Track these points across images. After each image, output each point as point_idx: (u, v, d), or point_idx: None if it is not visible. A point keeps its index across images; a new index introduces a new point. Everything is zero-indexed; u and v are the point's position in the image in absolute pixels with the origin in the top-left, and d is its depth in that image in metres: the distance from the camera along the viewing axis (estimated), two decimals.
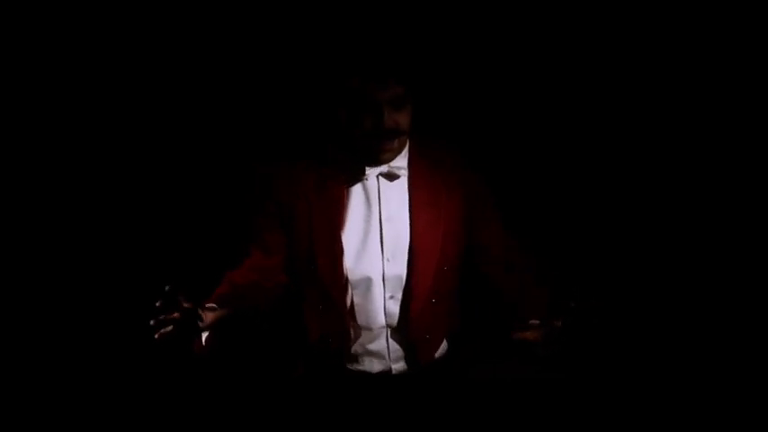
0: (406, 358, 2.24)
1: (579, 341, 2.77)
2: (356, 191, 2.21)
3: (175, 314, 1.91)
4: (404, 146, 2.22)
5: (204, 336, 2.02)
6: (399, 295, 2.20)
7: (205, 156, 2.89)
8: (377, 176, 2.20)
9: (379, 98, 2.11)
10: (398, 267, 2.20)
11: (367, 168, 2.19)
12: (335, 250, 2.18)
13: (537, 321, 2.13)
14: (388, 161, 2.19)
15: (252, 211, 2.26)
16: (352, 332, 2.20)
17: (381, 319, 2.20)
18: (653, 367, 2.81)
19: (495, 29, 2.84)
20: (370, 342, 2.22)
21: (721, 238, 2.84)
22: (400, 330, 2.22)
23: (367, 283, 2.18)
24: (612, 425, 2.74)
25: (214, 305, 2.05)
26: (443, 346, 2.29)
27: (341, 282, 2.18)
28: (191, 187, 2.89)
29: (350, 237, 2.19)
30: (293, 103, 2.83)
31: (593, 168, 2.90)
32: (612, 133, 2.88)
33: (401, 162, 2.22)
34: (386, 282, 2.19)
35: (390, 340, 2.22)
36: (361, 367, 2.24)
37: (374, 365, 2.23)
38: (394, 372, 2.23)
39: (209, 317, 2.01)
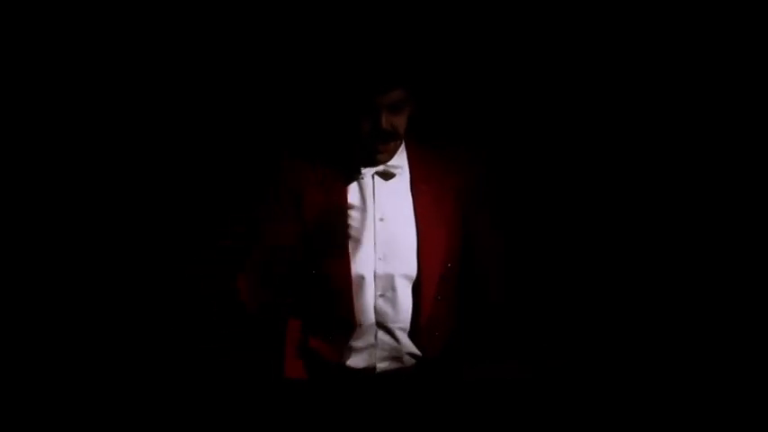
0: (393, 357, 2.26)
1: (579, 341, 2.79)
2: (352, 190, 2.24)
3: None
4: (399, 145, 2.24)
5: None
6: (390, 294, 2.22)
7: (207, 153, 2.92)
8: (372, 176, 2.22)
9: (378, 101, 2.14)
10: (390, 267, 2.22)
11: (362, 168, 2.22)
12: (331, 249, 2.21)
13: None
14: (384, 162, 2.22)
15: (261, 203, 2.29)
16: (342, 327, 2.23)
17: (371, 317, 2.23)
18: (652, 368, 2.81)
19: (496, 31, 2.85)
20: (359, 338, 2.24)
21: (719, 238, 2.84)
22: (389, 329, 2.24)
23: (359, 281, 2.22)
24: (612, 424, 2.75)
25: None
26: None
27: (333, 278, 2.22)
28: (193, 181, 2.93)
29: (343, 236, 2.22)
30: (296, 106, 2.86)
31: (592, 169, 2.90)
32: (611, 135, 2.88)
33: (397, 161, 2.25)
34: (377, 280, 2.22)
35: (379, 338, 2.24)
36: (346, 362, 2.26)
37: (359, 362, 2.26)
38: (378, 370, 2.25)
39: None
